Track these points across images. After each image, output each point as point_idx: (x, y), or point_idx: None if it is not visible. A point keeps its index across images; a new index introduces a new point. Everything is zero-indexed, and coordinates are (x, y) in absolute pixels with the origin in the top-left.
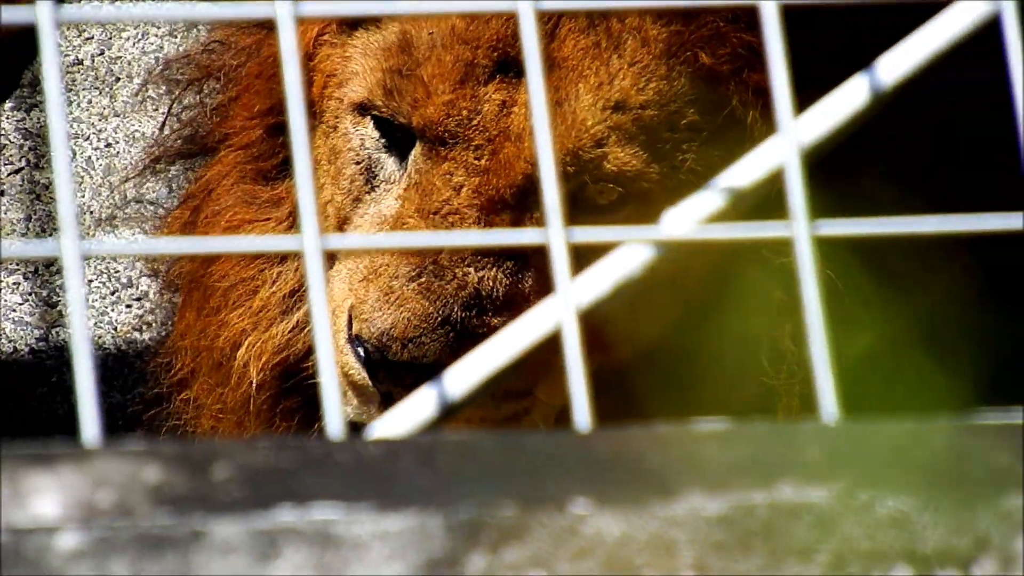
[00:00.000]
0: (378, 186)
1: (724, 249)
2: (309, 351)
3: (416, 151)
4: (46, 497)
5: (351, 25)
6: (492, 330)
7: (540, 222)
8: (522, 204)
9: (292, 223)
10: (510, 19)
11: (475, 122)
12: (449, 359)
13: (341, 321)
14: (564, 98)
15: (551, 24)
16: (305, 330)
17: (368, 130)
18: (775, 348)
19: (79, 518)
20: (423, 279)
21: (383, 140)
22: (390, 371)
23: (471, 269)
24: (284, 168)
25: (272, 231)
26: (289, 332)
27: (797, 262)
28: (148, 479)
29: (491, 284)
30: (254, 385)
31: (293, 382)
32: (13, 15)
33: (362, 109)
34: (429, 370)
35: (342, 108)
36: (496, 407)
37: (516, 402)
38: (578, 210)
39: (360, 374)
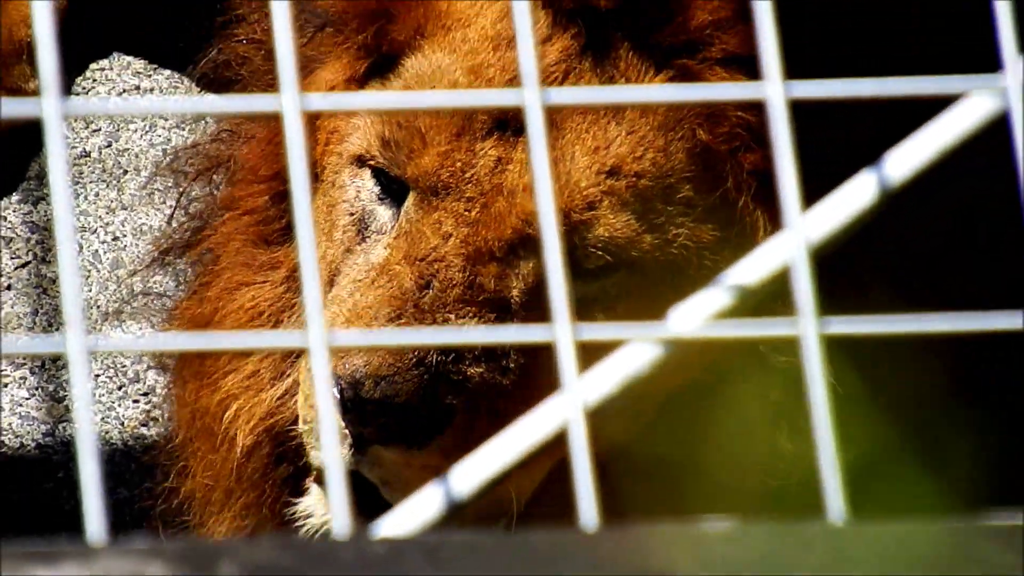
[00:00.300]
0: (369, 236)
1: (721, 346)
2: (298, 418)
3: (409, 201)
4: None
5: (359, 83)
6: (467, 378)
7: (525, 278)
8: (508, 258)
9: (287, 287)
10: (514, 77)
11: (468, 175)
12: (421, 402)
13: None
14: (560, 158)
15: (556, 78)
16: (295, 397)
17: (364, 181)
18: (773, 447)
19: None
20: (403, 320)
21: (378, 191)
22: (362, 410)
23: (452, 316)
24: (286, 232)
25: (267, 294)
26: (279, 398)
27: (803, 361)
28: None
29: None
30: (241, 450)
31: (282, 449)
32: (18, 108)
33: (360, 161)
34: (401, 411)
35: (341, 162)
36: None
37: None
38: (568, 273)
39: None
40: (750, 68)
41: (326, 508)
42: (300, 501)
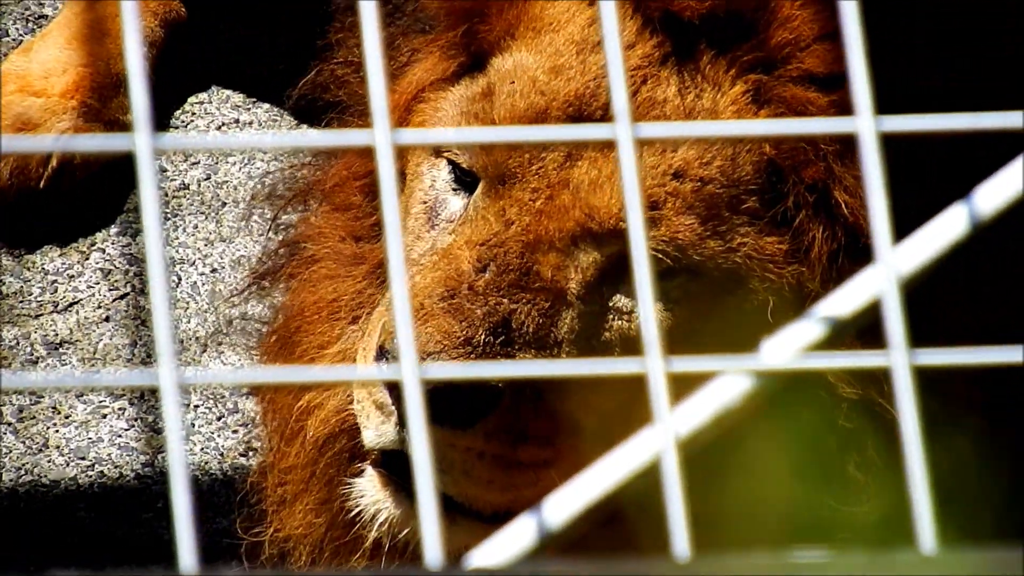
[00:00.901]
0: (439, 224)
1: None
2: None
3: (478, 190)
4: None
5: (449, 81)
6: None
7: (584, 271)
8: (569, 250)
9: (369, 282)
10: (593, 79)
11: (536, 166)
12: (466, 383)
13: (374, 341)
14: None
15: (635, 83)
16: None
17: (440, 171)
18: (843, 476)
19: None
20: (455, 300)
21: (452, 182)
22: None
23: (505, 299)
24: (376, 229)
25: (348, 288)
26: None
27: (895, 392)
28: None
29: (523, 318)
30: (313, 444)
31: (356, 444)
32: (111, 143)
33: (437, 152)
34: (445, 392)
35: (422, 154)
36: (513, 448)
37: (536, 450)
38: (626, 273)
39: (381, 392)
40: (825, 86)
41: (379, 491)
42: (356, 482)
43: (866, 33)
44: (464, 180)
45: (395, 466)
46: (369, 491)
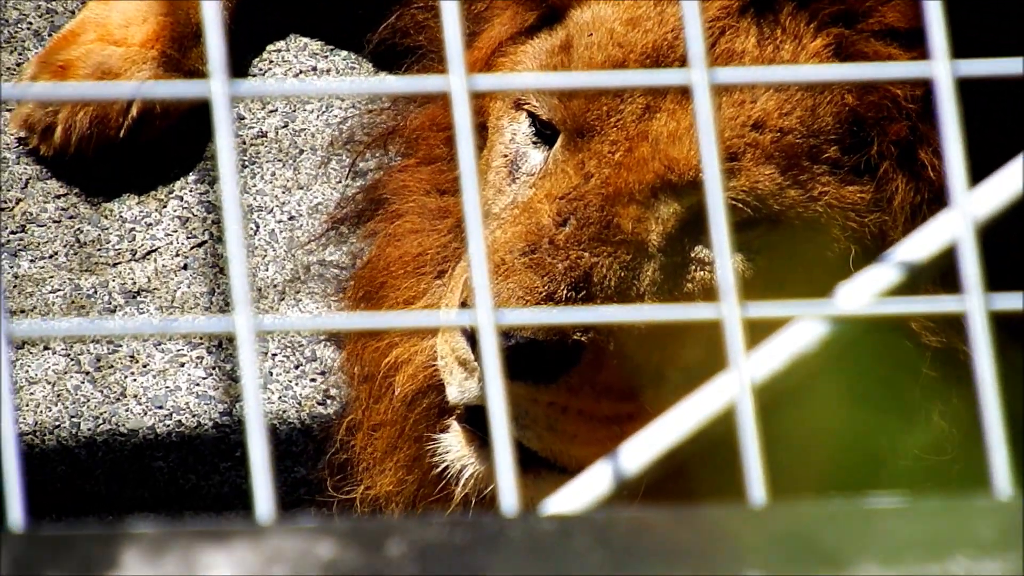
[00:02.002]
0: (519, 178)
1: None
2: None
3: (558, 144)
4: (220, 573)
5: (527, 34)
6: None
7: (664, 223)
8: (649, 202)
9: (455, 235)
10: (671, 30)
11: (615, 119)
12: (548, 338)
13: (456, 297)
14: None
15: (712, 34)
16: None
17: (520, 124)
18: (927, 424)
19: None
20: (536, 255)
21: (532, 134)
22: None
23: (586, 253)
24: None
25: (433, 242)
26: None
27: (970, 337)
28: (322, 555)
29: (604, 272)
30: (401, 399)
31: (444, 398)
32: (188, 89)
33: (517, 105)
34: (527, 347)
35: (504, 107)
36: (596, 402)
37: (619, 403)
38: (707, 223)
39: (464, 348)
40: (906, 42)
41: (463, 447)
42: (441, 438)
43: None
44: (544, 133)
45: (480, 422)
46: (454, 447)
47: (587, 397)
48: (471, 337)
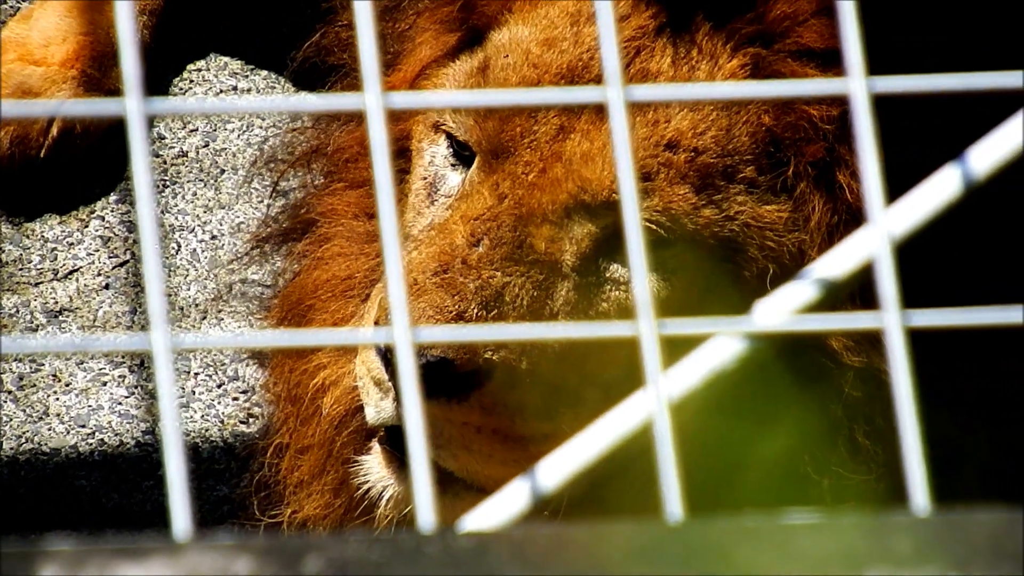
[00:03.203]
0: (438, 200)
1: (794, 342)
2: None
3: (474, 165)
4: None
5: (450, 56)
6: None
7: (578, 243)
8: (563, 222)
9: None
10: (586, 51)
11: (528, 140)
12: (459, 356)
13: (371, 318)
14: None
15: (628, 54)
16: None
17: (439, 147)
18: (851, 445)
19: None
20: (448, 275)
21: (451, 156)
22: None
23: (498, 273)
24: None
25: (362, 266)
26: None
27: (888, 354)
28: (239, 572)
29: (516, 291)
30: (328, 422)
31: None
32: (102, 108)
33: (436, 127)
34: (437, 365)
35: (424, 130)
36: (511, 421)
37: (535, 423)
38: (622, 243)
39: (378, 367)
40: (822, 62)
41: (383, 468)
42: (363, 460)
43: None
44: (462, 155)
45: (399, 443)
46: (375, 469)
47: (502, 417)
48: (385, 356)
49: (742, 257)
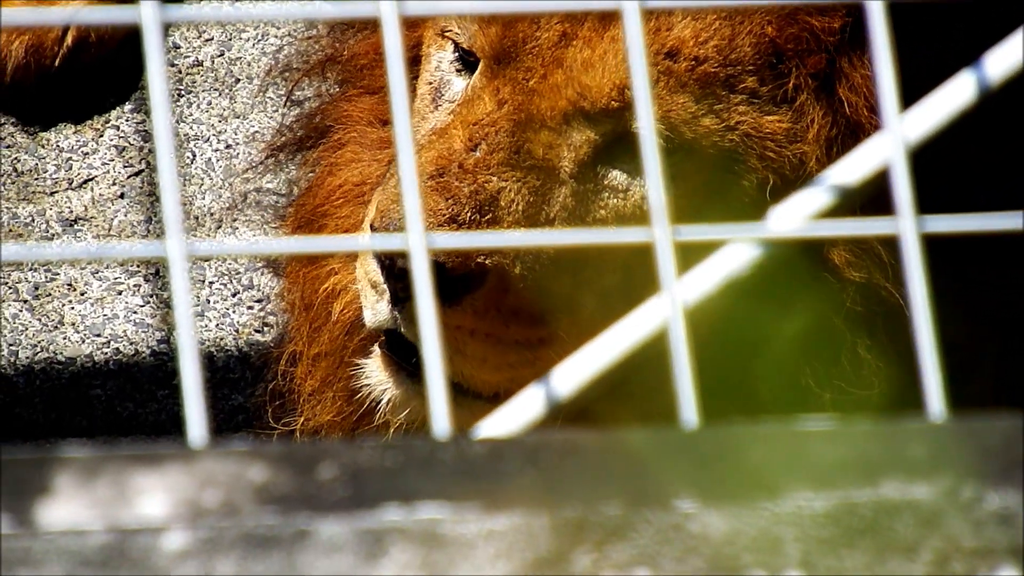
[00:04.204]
0: (441, 105)
1: (790, 260)
2: None
3: (477, 71)
4: (152, 497)
5: None
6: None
7: (577, 150)
8: (561, 128)
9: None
10: None
11: (530, 46)
12: (451, 260)
13: (368, 219)
14: (620, 35)
15: None
16: None
17: (445, 53)
18: (853, 358)
19: (185, 518)
20: (443, 179)
21: (456, 62)
22: (392, 264)
23: (494, 178)
24: None
25: (377, 171)
26: None
27: (903, 259)
28: (254, 479)
29: (512, 196)
30: (339, 327)
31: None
32: (119, 15)
33: (443, 33)
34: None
35: (432, 37)
36: (505, 326)
37: (529, 328)
38: (622, 151)
39: (375, 270)
40: None
41: (381, 372)
42: (364, 364)
43: None
44: (467, 61)
45: (398, 347)
46: (374, 372)
47: (494, 321)
48: (381, 260)
49: (742, 167)
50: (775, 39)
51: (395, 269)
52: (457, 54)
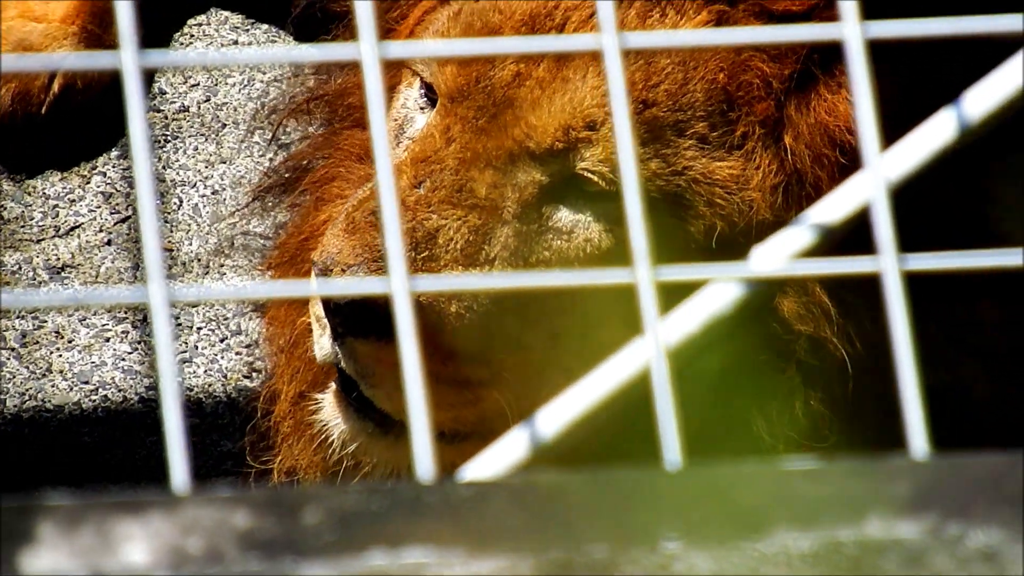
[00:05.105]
0: (403, 141)
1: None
2: None
3: (435, 108)
4: (136, 545)
5: (443, 2)
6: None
7: (522, 190)
8: (506, 168)
9: None
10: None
11: (483, 85)
12: (384, 297)
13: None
14: (572, 76)
15: (591, 6)
16: None
17: (412, 91)
18: (807, 410)
19: (169, 565)
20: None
21: (420, 100)
22: (328, 300)
23: (434, 215)
24: None
25: None
26: None
27: (884, 297)
28: (238, 525)
29: (451, 234)
30: (314, 363)
31: None
32: (96, 61)
33: (412, 72)
34: (364, 304)
35: (406, 73)
36: (443, 364)
37: (469, 368)
38: (568, 192)
39: (318, 304)
40: (779, 23)
41: (333, 408)
42: (321, 399)
43: None
44: (431, 98)
45: (348, 383)
46: (326, 408)
47: (433, 359)
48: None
49: (690, 213)
50: (727, 86)
51: (331, 305)
52: (423, 91)
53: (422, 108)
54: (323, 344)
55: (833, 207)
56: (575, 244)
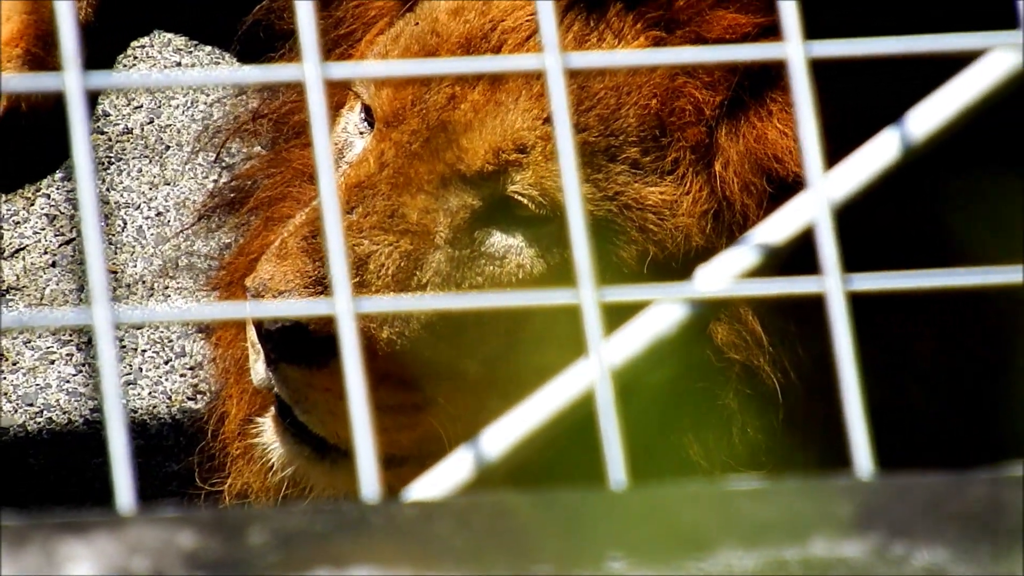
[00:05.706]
0: (341, 166)
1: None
2: None
3: (372, 132)
4: (80, 564)
5: (392, 24)
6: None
7: (454, 215)
8: (438, 193)
9: None
10: (488, 22)
11: (418, 108)
12: (314, 322)
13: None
14: (505, 99)
15: (534, 25)
16: None
17: (353, 115)
18: (744, 437)
19: None
20: (315, 240)
21: (360, 124)
22: (260, 325)
23: (365, 241)
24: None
25: None
26: None
27: (828, 318)
28: (183, 545)
29: (382, 260)
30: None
31: None
32: (39, 83)
33: (355, 95)
34: (295, 330)
35: (349, 94)
36: (374, 390)
37: (402, 393)
38: (500, 216)
39: (252, 329)
40: None
41: (271, 431)
42: (261, 423)
43: None
44: (371, 122)
45: (282, 407)
46: (267, 432)
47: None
48: (258, 319)
49: (623, 238)
50: (659, 112)
51: (262, 330)
52: (363, 115)
53: (361, 132)
54: (258, 370)
55: (777, 228)
56: (507, 270)
